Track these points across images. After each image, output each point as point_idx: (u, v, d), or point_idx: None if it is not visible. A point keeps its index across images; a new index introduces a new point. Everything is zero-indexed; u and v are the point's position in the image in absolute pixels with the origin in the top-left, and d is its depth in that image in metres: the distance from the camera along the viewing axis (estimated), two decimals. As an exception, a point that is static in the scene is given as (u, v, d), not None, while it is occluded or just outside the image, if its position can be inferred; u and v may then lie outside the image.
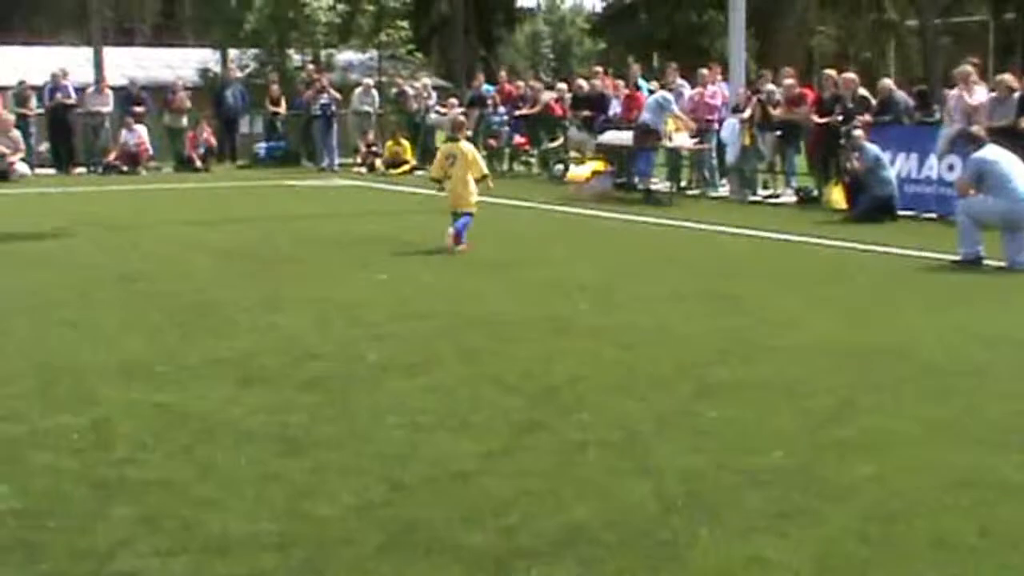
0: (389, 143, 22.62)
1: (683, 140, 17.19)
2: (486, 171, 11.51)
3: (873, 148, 13.70)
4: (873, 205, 13.46)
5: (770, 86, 17.03)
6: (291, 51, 27.91)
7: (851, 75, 16.14)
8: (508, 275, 9.65)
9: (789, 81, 16.74)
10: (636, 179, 17.11)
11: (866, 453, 4.72)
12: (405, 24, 29.35)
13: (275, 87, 24.44)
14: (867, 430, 5.05)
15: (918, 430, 5.07)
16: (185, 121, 23.19)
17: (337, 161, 22.76)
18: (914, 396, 5.66)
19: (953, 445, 4.86)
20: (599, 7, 49.10)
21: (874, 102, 15.33)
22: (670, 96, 17.16)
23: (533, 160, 21.54)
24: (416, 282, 9.16)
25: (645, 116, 16.76)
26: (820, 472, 4.50)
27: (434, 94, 24.26)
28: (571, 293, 8.61)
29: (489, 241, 11.49)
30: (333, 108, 22.90)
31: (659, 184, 17.74)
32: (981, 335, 7.13)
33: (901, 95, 15.46)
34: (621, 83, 19.88)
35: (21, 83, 22.15)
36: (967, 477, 4.43)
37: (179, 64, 30.07)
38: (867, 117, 14.88)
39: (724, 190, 17.70)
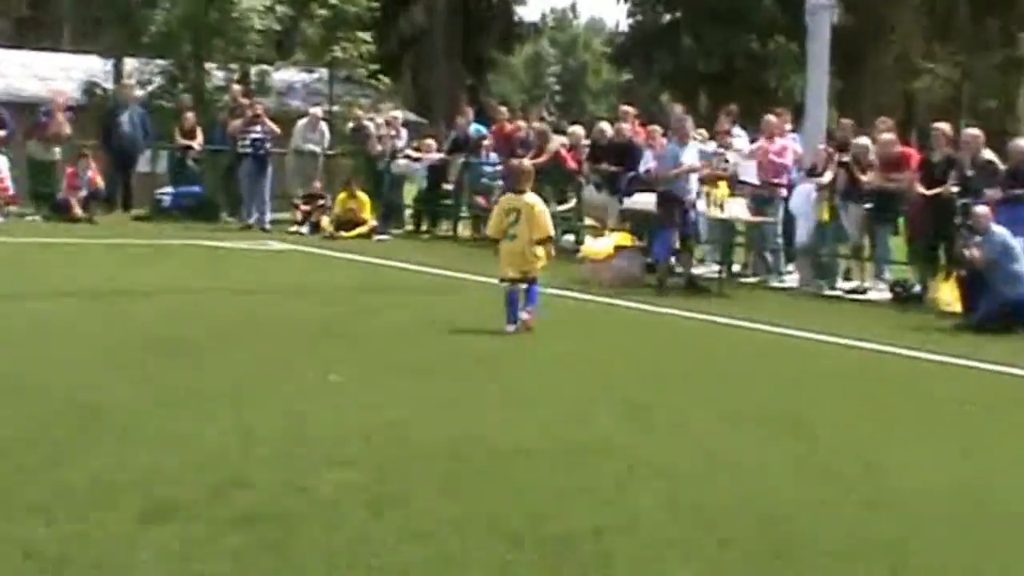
0: (341, 195, 22.80)
1: (738, 210, 17.38)
2: (552, 232, 12.29)
3: (1001, 232, 13.86)
4: (997, 309, 13.58)
5: (862, 141, 17.25)
6: (212, 65, 28.19)
7: (974, 131, 16.33)
8: (506, 380, 9.70)
9: (887, 136, 16.95)
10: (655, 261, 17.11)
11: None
12: (368, 36, 29.70)
13: (189, 114, 24.68)
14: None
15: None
16: (59, 153, 23.30)
17: (269, 217, 22.91)
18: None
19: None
20: (625, 25, 49.79)
21: (1003, 168, 15.49)
22: (678, 146, 16.82)
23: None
24: (382, 386, 9.18)
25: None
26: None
27: (404, 132, 24.53)
28: (590, 408, 8.66)
29: (480, 333, 11.53)
30: (267, 145, 23.12)
31: (704, 267, 17.90)
32: None
33: (1043, 162, 15.56)
34: (657, 129, 20.12)
35: None
36: None
37: (53, 74, 30.30)
38: (995, 190, 14.99)
39: (792, 279, 17.86)
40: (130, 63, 28.60)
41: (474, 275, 16.19)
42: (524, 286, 11.97)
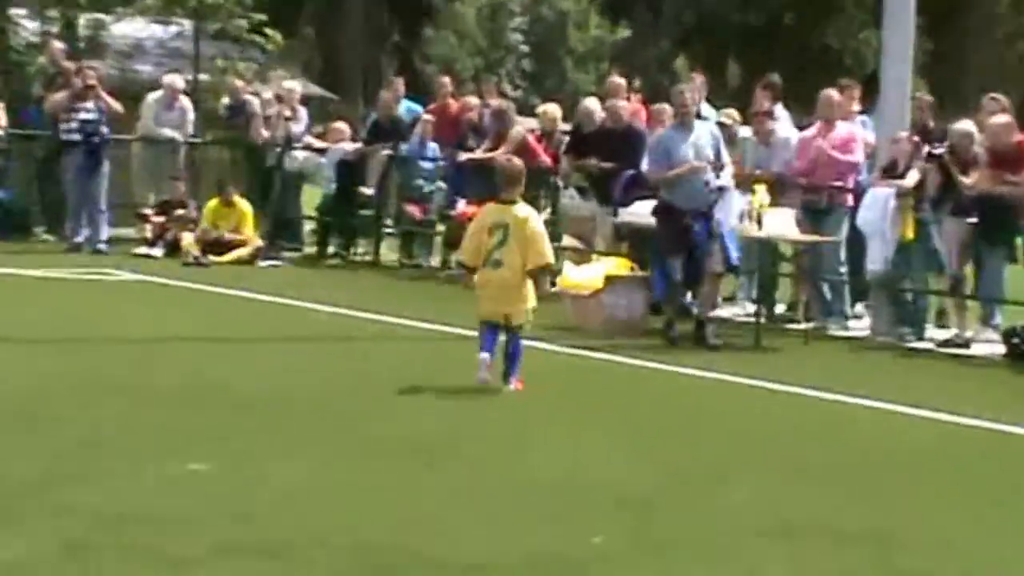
0: (212, 203, 22.79)
1: (783, 225, 17.37)
2: (551, 259, 12.58)
3: None
4: None
5: (963, 127, 17.27)
6: (20, 12, 28.14)
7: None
8: (456, 470, 9.70)
9: (999, 119, 16.95)
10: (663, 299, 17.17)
11: None
12: (252, -24, 29.77)
13: (-12, 85, 24.72)
14: None
15: None
16: None
17: (107, 233, 22.85)
18: None
19: None
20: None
21: None
22: (678, 131, 16.86)
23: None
24: (268, 478, 9.17)
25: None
26: None
27: (303, 112, 24.50)
28: (577, 510, 8.66)
29: (414, 395, 11.64)
30: (103, 130, 23.05)
31: (734, 307, 17.93)
32: None
33: None
34: (667, 109, 20.17)
35: None
36: None
37: None
38: None
39: (861, 325, 17.95)
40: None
41: (404, 318, 16.22)
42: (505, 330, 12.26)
